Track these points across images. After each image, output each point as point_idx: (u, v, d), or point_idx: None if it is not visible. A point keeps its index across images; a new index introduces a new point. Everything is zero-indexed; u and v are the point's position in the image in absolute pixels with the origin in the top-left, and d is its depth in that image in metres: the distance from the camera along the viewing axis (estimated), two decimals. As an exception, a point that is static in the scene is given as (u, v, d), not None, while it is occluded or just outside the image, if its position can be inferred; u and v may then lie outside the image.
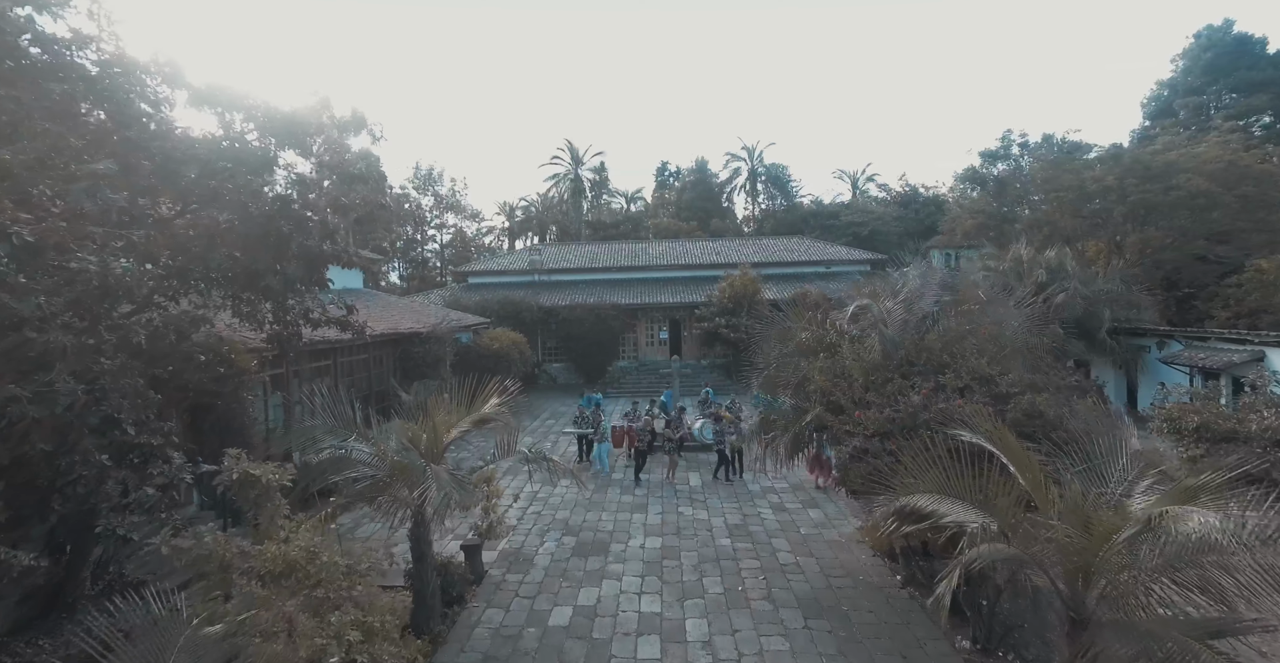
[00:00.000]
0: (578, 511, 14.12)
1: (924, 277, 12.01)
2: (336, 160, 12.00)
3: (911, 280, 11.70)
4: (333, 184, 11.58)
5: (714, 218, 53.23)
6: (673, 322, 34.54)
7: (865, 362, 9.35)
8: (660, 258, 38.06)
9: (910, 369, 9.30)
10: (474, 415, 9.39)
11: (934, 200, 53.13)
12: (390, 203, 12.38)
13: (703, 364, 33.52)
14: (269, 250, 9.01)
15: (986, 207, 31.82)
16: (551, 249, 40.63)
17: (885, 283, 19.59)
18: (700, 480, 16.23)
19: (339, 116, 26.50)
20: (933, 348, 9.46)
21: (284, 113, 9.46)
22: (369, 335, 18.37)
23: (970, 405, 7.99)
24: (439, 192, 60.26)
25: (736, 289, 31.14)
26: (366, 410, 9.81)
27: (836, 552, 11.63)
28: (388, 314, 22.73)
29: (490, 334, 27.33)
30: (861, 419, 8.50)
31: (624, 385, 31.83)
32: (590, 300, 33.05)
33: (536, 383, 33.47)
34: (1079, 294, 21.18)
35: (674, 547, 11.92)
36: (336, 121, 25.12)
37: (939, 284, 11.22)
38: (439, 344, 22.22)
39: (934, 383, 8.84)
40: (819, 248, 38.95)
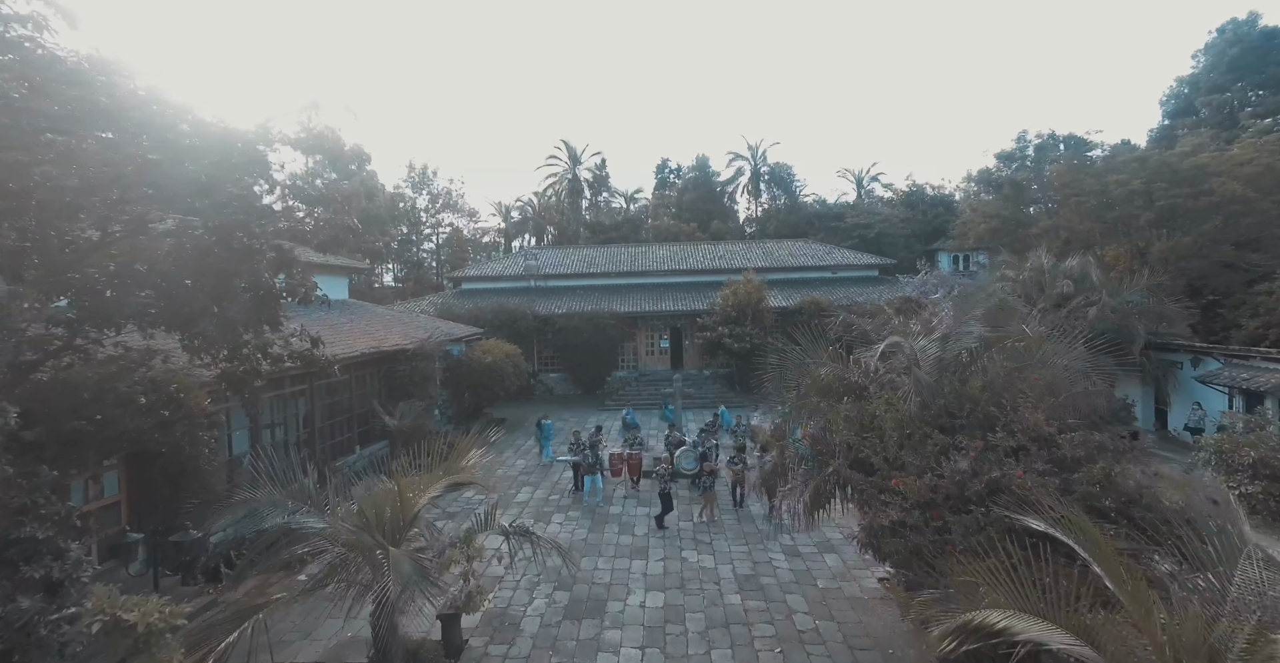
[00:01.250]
0: (573, 555, 12.85)
1: (957, 304, 10.72)
2: (307, 184, 10.65)
3: (943, 312, 10.39)
4: (298, 205, 10.24)
5: (715, 219, 51.87)
6: (674, 330, 33.27)
7: (899, 413, 8.09)
8: (660, 263, 36.78)
9: (952, 422, 8.04)
10: (448, 479, 8.11)
11: (942, 201, 51.77)
12: (357, 226, 10.89)
13: (705, 374, 32.28)
14: (205, 289, 7.71)
15: (1001, 210, 30.49)
16: (548, 253, 39.37)
17: (907, 305, 18.35)
18: (705, 516, 14.96)
19: (324, 132, 25.09)
20: (977, 397, 8.19)
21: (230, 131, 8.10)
22: (350, 356, 17.21)
23: (1031, 476, 6.73)
24: (434, 190, 58.97)
25: (740, 296, 29.87)
26: (323, 470, 8.53)
27: (860, 613, 10.38)
28: (372, 328, 21.47)
29: (483, 346, 26.08)
30: (900, 487, 7.25)
31: (623, 396, 30.59)
32: (588, 308, 31.77)
33: (532, 394, 32.24)
34: (1108, 307, 19.87)
35: (678, 606, 10.67)
36: (315, 138, 23.88)
37: (973, 314, 9.90)
38: (426, 361, 20.95)
39: (982, 442, 7.58)
40: (825, 252, 37.65)
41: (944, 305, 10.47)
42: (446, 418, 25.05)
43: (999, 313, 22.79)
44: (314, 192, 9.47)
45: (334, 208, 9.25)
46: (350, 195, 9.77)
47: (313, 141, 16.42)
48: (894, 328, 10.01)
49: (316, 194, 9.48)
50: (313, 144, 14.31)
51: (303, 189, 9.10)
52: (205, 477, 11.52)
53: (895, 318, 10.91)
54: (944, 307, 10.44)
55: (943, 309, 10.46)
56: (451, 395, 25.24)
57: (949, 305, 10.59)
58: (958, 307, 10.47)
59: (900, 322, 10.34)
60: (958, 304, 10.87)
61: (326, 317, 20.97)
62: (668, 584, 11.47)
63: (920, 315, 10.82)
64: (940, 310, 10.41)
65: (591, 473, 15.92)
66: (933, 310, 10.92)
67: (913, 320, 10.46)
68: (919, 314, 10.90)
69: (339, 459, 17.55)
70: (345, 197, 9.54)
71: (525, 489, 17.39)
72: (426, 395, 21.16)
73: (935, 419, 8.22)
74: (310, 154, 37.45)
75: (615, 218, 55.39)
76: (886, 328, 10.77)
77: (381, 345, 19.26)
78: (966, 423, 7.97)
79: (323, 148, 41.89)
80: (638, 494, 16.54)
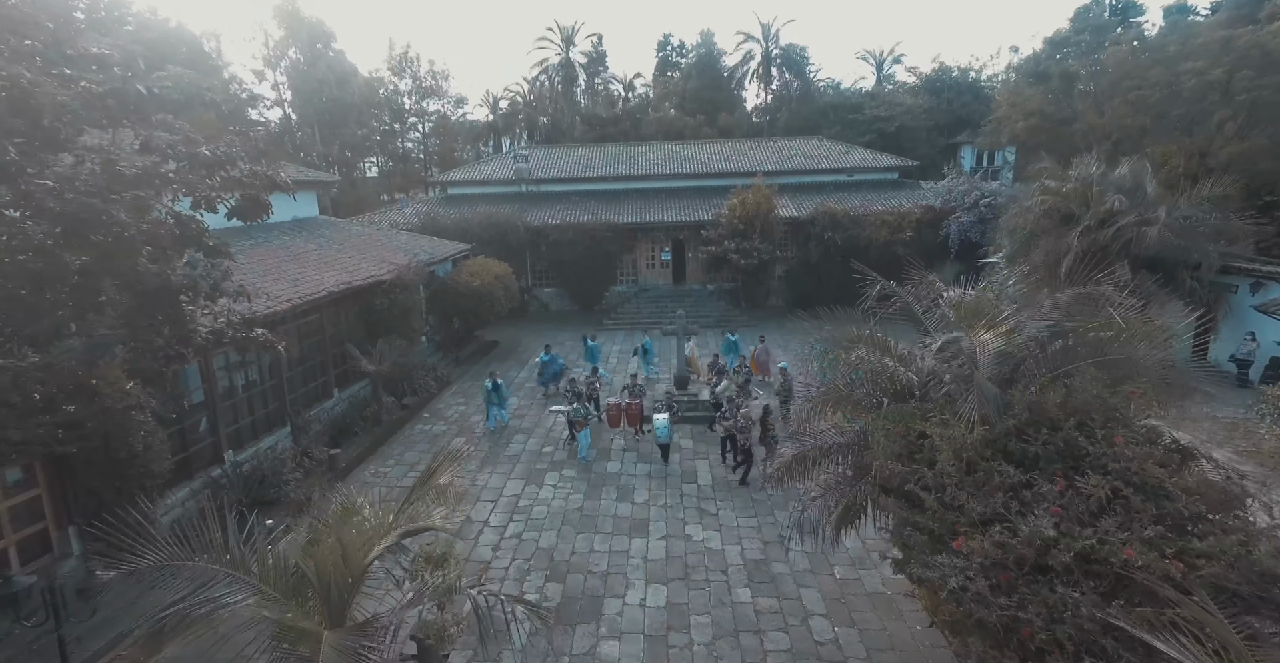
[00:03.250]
0: (566, 531, 11.81)
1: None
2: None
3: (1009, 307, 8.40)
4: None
5: (722, 111, 47.67)
6: (676, 242, 31.05)
7: (955, 439, 6.46)
8: (662, 165, 33.79)
9: (1024, 449, 6.44)
10: (403, 529, 6.60)
11: (970, 87, 47.34)
12: (287, 183, 8.61)
13: (709, 290, 30.50)
14: (56, 301, 5.79)
15: (1044, 106, 27.21)
16: (540, 153, 36.20)
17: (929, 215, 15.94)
18: (711, 477, 13.83)
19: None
20: (1056, 416, 6.53)
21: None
22: (315, 297, 15.36)
23: (1137, 545, 5.22)
24: (417, 74, 54.09)
25: (749, 207, 27.43)
26: (294, 422, 7.08)
27: (883, 616, 9.37)
28: (344, 255, 19.45)
29: (470, 267, 24.11)
30: (962, 549, 5.78)
31: (622, 315, 29.00)
32: (584, 219, 29.39)
33: (526, 311, 30.66)
34: (1168, 226, 17.67)
35: (682, 606, 9.65)
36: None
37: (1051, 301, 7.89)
38: (407, 293, 19.13)
39: (1064, 482, 6.02)
40: (840, 152, 34.49)
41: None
42: (434, 345, 23.62)
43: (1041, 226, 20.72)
44: (213, 153, 6.68)
45: (251, 153, 7.12)
46: (265, 141, 7.54)
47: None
48: (958, 313, 8.12)
49: (219, 155, 6.83)
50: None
51: (196, 144, 6.50)
52: (146, 460, 10.12)
53: (944, 292, 8.95)
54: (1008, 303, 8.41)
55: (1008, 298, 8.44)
56: (439, 320, 23.64)
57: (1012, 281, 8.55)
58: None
59: (954, 303, 8.40)
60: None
61: (291, 244, 18.95)
62: (670, 574, 10.43)
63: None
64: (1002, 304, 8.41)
65: (585, 426, 14.58)
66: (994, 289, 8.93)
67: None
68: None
69: (314, 407, 16.24)
70: (261, 146, 7.39)
71: (517, 438, 16.22)
72: (409, 330, 19.56)
73: (1002, 442, 6.61)
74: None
75: (613, 109, 51.02)
76: (936, 302, 8.88)
77: (354, 280, 17.36)
78: (1045, 451, 6.37)
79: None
80: (638, 447, 15.36)
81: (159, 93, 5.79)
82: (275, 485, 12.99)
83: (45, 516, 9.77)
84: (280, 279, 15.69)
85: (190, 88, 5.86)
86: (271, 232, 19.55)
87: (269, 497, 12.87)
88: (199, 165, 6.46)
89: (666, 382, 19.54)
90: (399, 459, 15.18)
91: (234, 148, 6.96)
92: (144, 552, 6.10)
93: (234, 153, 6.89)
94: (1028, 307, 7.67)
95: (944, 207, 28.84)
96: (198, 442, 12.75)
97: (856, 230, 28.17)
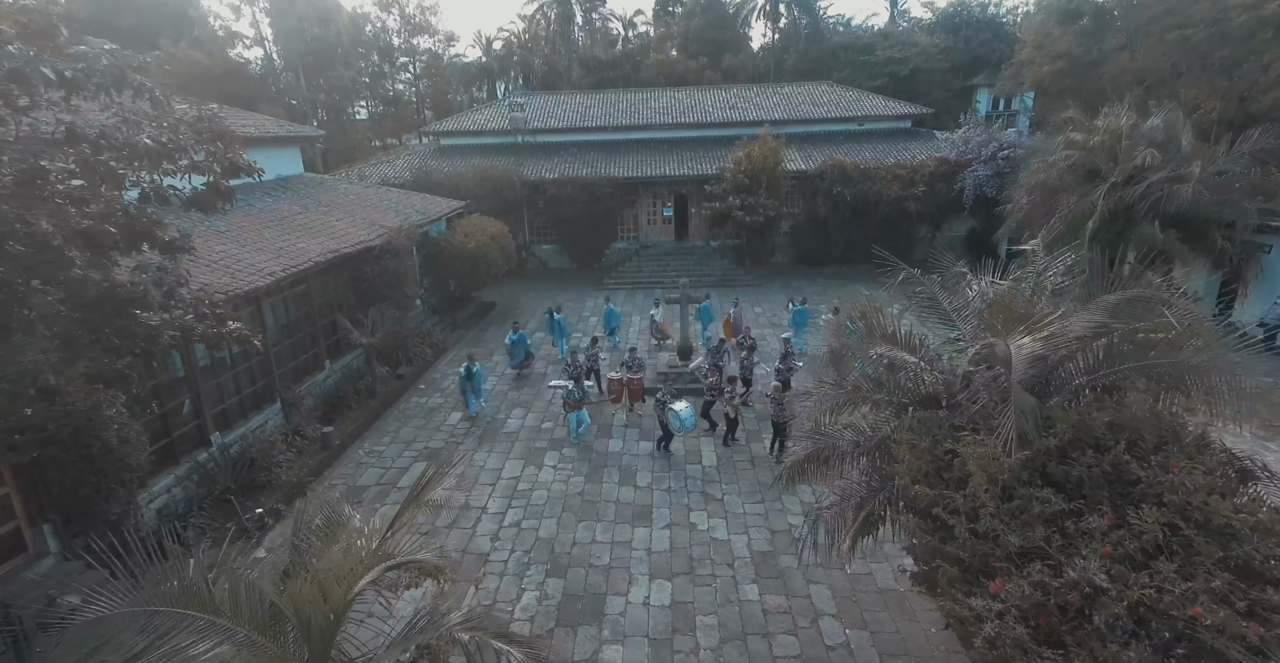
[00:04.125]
0: (567, 519, 11.41)
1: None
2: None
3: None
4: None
5: (727, 52, 45.32)
6: (679, 196, 29.86)
7: (989, 462, 5.84)
8: (664, 114, 32.18)
9: (1067, 474, 5.83)
10: (385, 565, 6.06)
11: (990, 23, 44.84)
12: (252, 165, 7.63)
13: (712, 247, 29.52)
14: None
15: (1073, 48, 25.49)
16: (536, 100, 34.48)
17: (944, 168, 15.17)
18: (716, 457, 13.37)
19: None
20: (1103, 437, 5.89)
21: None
22: (300, 268, 14.52)
23: (1209, 607, 4.66)
24: (405, 9, 51.35)
25: (755, 161, 26.16)
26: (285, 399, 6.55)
27: (895, 616, 9.02)
28: (331, 218, 18.51)
29: (465, 227, 23.13)
30: (999, 593, 5.25)
31: (623, 274, 28.15)
32: (583, 173, 28.14)
33: (525, 269, 29.83)
34: (1202, 183, 16.64)
35: (687, 604, 9.29)
36: None
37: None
38: (399, 259, 18.28)
39: (1112, 517, 5.43)
40: (851, 99, 32.78)
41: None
42: (429, 308, 22.92)
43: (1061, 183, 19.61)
44: (156, 141, 5.64)
45: (206, 135, 6.18)
46: (218, 124, 6.52)
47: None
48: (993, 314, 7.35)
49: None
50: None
51: (137, 128, 5.48)
52: (123, 452, 9.58)
53: (975, 283, 8.18)
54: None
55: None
56: (434, 283, 22.85)
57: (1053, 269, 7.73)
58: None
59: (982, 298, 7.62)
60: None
61: (274, 207, 18.01)
62: (675, 568, 10.06)
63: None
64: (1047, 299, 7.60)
65: (579, 408, 13.98)
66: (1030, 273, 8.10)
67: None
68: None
69: (305, 380, 15.68)
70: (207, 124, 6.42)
71: (516, 413, 15.72)
72: (402, 297, 18.82)
73: (1041, 463, 6.00)
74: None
75: (612, 50, 48.56)
76: (966, 294, 8.11)
77: (342, 247, 16.50)
78: (1091, 475, 5.77)
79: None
80: (640, 423, 14.87)
81: (73, 77, 4.88)
82: (265, 469, 12.55)
83: (16, 514, 9.31)
84: (262, 248, 14.86)
85: (110, 71, 4.96)
86: (253, 193, 18.55)
87: (259, 480, 12.45)
88: (140, 157, 5.60)
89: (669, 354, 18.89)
90: (394, 436, 14.71)
91: (182, 134, 6.06)
92: (94, 599, 5.49)
93: (182, 140, 6.01)
94: (1074, 308, 6.89)
95: (959, 159, 27.51)
96: (181, 425, 12.21)
97: (867, 185, 26.97)
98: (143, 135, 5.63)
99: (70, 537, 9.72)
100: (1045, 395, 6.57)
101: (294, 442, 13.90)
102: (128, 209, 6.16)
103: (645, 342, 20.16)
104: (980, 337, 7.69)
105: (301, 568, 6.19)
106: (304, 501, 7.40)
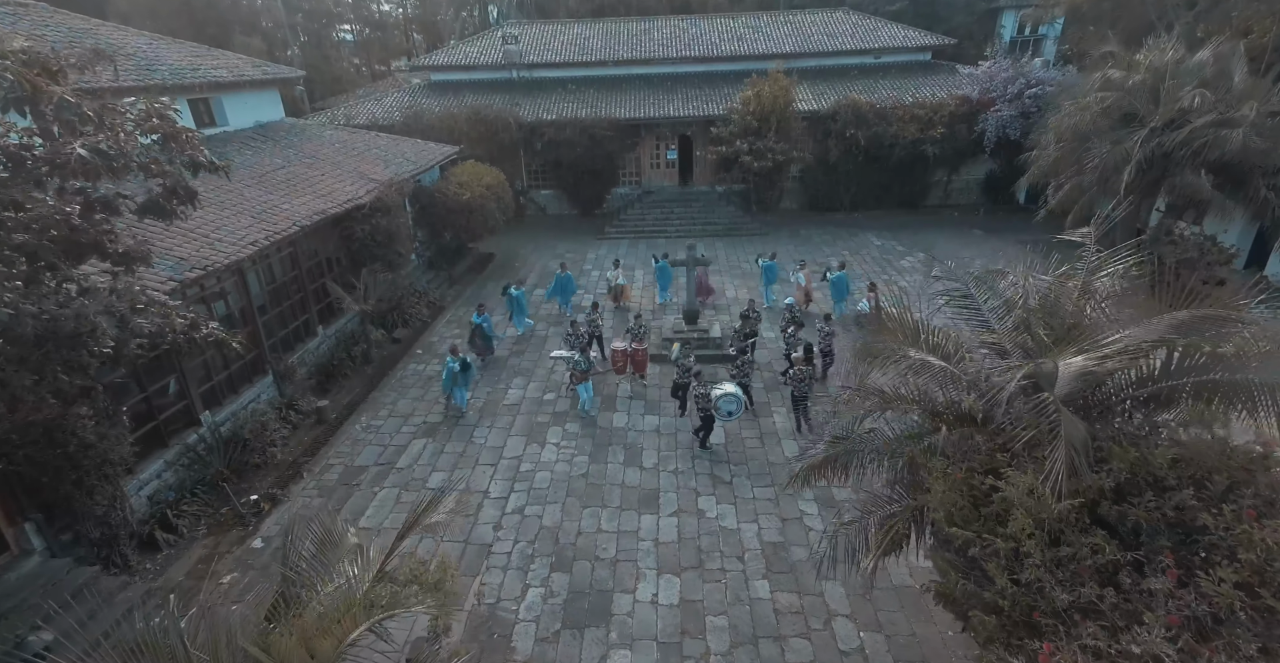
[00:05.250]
0: (571, 504, 11.08)
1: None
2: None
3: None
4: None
5: (735, -28, 42.13)
6: (683, 138, 28.35)
7: (1035, 503, 5.30)
8: (668, 46, 30.08)
9: (1121, 516, 5.30)
10: (382, 616, 5.61)
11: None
12: (208, 160, 6.59)
13: (718, 192, 28.29)
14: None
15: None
16: (531, 31, 32.22)
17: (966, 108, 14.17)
18: (724, 434, 12.93)
19: None
20: (1164, 476, 5.32)
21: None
22: (283, 234, 13.61)
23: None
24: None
25: (764, 101, 24.61)
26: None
27: (911, 617, 8.78)
28: (316, 171, 17.41)
29: (459, 175, 21.96)
30: (1048, 660, 4.81)
31: (625, 222, 27.08)
32: (582, 113, 26.57)
33: (523, 215, 28.72)
34: (1255, 127, 15.47)
35: (696, 603, 9.04)
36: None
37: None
38: (390, 217, 17.31)
39: (1178, 572, 4.93)
40: (867, 29, 30.59)
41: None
42: (425, 263, 22.07)
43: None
44: (91, 152, 4.74)
45: (151, 131, 5.23)
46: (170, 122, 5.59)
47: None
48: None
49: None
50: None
51: (71, 131, 4.54)
52: (103, 447, 9.12)
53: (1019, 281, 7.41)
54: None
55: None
56: (429, 235, 21.90)
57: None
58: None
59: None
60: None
61: (254, 161, 16.92)
62: (684, 561, 9.78)
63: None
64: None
65: (585, 380, 13.47)
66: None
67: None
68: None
69: (297, 348, 15.09)
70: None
71: (516, 382, 15.21)
72: (394, 255, 17.94)
73: (1092, 498, 5.46)
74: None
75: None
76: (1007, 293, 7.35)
77: (329, 207, 15.51)
78: (1147, 520, 5.24)
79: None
80: (644, 394, 14.39)
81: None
82: (259, 449, 12.15)
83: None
84: (243, 211, 13.94)
85: (14, 87, 4.03)
86: (230, 144, 17.43)
87: (253, 462, 12.08)
88: (73, 174, 4.75)
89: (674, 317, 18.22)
90: (392, 409, 14.26)
91: (124, 139, 5.16)
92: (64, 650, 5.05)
93: (126, 146, 5.12)
94: (1133, 324, 6.16)
95: (982, 97, 25.91)
96: (168, 406, 11.69)
97: (882, 127, 25.52)
98: (75, 145, 4.78)
99: (55, 533, 9.38)
100: (1091, 416, 5.97)
101: (288, 416, 13.48)
102: (69, 219, 5.36)
103: (650, 306, 19.44)
104: (1020, 342, 7.03)
105: (290, 607, 5.77)
106: (295, 516, 6.90)
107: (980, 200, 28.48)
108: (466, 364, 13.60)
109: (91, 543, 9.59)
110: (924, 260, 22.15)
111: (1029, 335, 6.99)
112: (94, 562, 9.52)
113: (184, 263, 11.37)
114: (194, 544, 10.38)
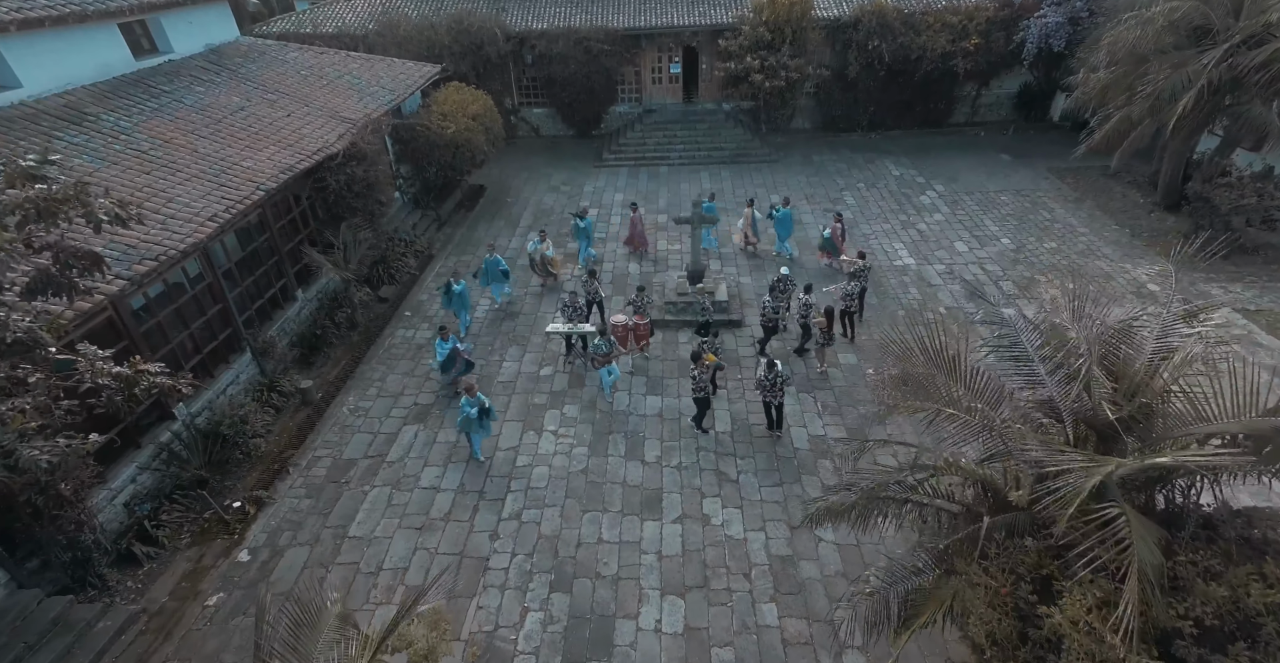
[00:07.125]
0: (570, 507, 10.60)
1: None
2: None
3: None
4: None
5: None
6: (688, 50, 25.62)
7: (1094, 648, 4.63)
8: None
9: (1201, 658, 4.64)
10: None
11: None
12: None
13: (724, 110, 26.02)
14: None
15: None
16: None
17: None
18: (730, 420, 12.28)
19: None
20: (1263, 621, 4.60)
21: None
22: (244, 204, 12.19)
23: None
24: None
25: (779, 8, 21.91)
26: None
27: (924, 649, 8.47)
28: (279, 113, 15.61)
29: (443, 104, 19.94)
30: None
31: (625, 147, 25.06)
32: (577, 21, 23.85)
33: (515, 135, 26.65)
34: None
35: (701, 630, 8.73)
36: None
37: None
38: (367, 163, 15.72)
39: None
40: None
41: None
42: (410, 201, 20.58)
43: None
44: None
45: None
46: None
47: None
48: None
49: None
50: None
51: None
52: (64, 468, 8.46)
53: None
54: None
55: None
56: (414, 170, 20.23)
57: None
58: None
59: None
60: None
61: (206, 99, 15.11)
62: (688, 579, 9.39)
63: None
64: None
65: (608, 362, 12.50)
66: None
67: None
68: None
69: (275, 317, 14.15)
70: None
71: (511, 354, 14.38)
72: (375, 205, 16.53)
73: (1161, 635, 4.79)
74: None
75: None
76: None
77: (297, 161, 13.94)
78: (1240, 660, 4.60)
79: None
80: (647, 371, 13.59)
81: None
82: (239, 443, 11.53)
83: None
84: (197, 174, 12.51)
85: None
86: (178, 78, 15.51)
87: (235, 458, 11.50)
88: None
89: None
90: (380, 387, 13.53)
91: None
92: None
93: None
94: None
95: (1025, 0, 23.07)
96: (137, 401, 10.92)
97: (909, 37, 22.90)
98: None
99: (19, 561, 8.92)
100: (1162, 516, 5.16)
101: (270, 400, 12.77)
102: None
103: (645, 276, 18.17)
104: (1083, 405, 6.11)
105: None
106: (268, 596, 6.28)
107: (1011, 117, 26.24)
108: (485, 410, 11.17)
109: (63, 566, 9.19)
110: (944, 195, 20.56)
111: (1087, 394, 6.08)
112: (68, 586, 9.14)
113: (132, 252, 10.17)
114: (177, 556, 9.99)
